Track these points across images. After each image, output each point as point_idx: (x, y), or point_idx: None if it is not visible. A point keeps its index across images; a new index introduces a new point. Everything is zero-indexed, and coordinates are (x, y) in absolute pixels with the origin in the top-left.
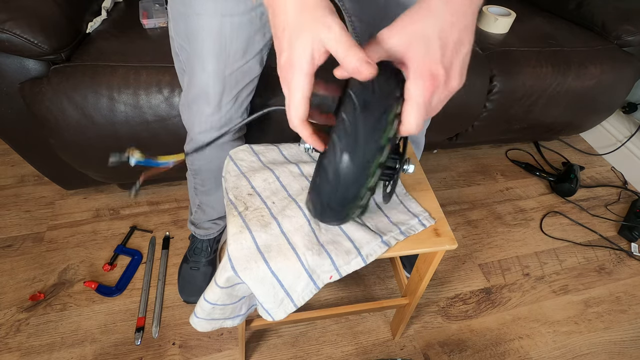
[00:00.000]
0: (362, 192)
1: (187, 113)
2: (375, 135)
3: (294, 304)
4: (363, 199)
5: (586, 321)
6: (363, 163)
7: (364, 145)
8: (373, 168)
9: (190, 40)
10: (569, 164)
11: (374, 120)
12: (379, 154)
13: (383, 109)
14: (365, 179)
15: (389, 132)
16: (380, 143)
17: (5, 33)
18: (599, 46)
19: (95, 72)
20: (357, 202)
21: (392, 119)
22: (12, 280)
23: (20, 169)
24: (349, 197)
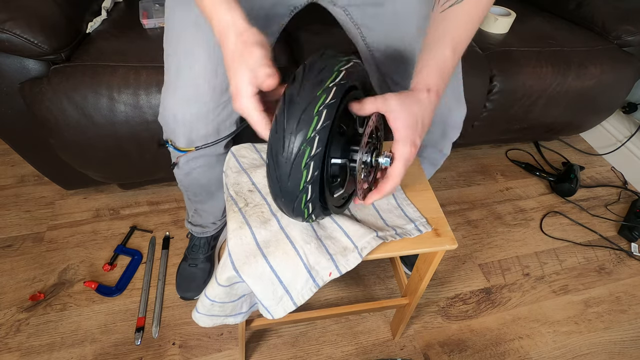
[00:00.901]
0: (302, 186)
1: (171, 122)
2: (301, 127)
3: (293, 302)
4: (308, 193)
5: (586, 321)
6: (292, 156)
7: (290, 137)
8: (304, 160)
9: (178, 32)
10: (569, 164)
11: (299, 112)
12: (308, 146)
13: (307, 102)
14: (300, 172)
15: (314, 124)
16: (307, 134)
17: (5, 33)
18: (599, 46)
19: (95, 72)
20: (303, 197)
21: (317, 111)
22: (12, 280)
23: (20, 169)
24: (289, 190)
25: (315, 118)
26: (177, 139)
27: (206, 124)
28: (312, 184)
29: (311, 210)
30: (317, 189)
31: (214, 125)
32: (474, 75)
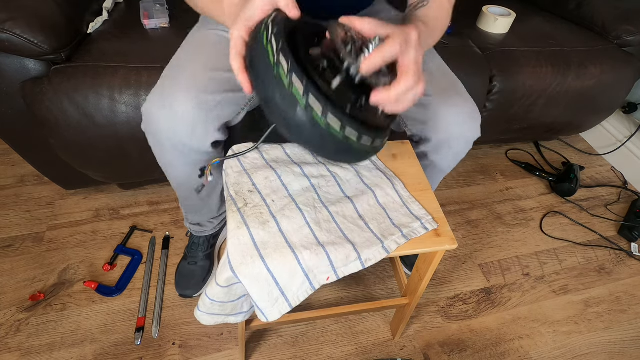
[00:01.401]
0: (301, 102)
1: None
2: (257, 42)
3: (288, 303)
4: (281, 63)
5: (586, 321)
6: (267, 73)
7: (256, 59)
8: (279, 71)
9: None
10: (569, 164)
11: (255, 55)
12: (269, 56)
13: (257, 43)
14: (283, 86)
15: (271, 51)
16: (263, 45)
17: (5, 33)
18: (599, 46)
19: (97, 73)
20: (279, 70)
21: (265, 42)
22: (12, 280)
23: (20, 169)
24: (289, 115)
25: (262, 28)
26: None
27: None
28: (282, 51)
29: (303, 86)
30: (292, 58)
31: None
32: (474, 76)
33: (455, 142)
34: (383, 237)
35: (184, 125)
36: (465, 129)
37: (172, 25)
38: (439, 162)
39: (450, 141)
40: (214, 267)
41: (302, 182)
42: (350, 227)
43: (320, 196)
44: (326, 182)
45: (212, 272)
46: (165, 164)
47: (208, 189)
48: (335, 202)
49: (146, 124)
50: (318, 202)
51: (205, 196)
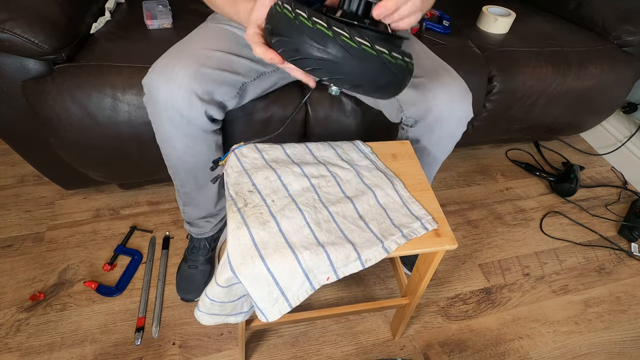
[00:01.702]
0: (328, 32)
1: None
2: (273, 15)
3: (288, 303)
4: (337, 36)
5: (586, 321)
6: (291, 28)
7: (277, 26)
8: (301, 20)
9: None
10: (569, 164)
11: (278, 23)
12: (289, 15)
13: (273, 15)
14: (309, 28)
15: (275, 6)
16: (279, 12)
17: (5, 33)
18: (599, 46)
19: (100, 72)
20: (337, 43)
21: (279, 9)
22: (12, 280)
23: (20, 169)
24: (323, 51)
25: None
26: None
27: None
28: (297, 7)
29: (324, 21)
30: (306, 7)
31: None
32: (474, 76)
33: (447, 121)
34: (383, 237)
35: (180, 94)
36: (456, 106)
37: (175, 26)
38: (433, 146)
39: (442, 120)
40: (214, 271)
41: (302, 182)
42: (350, 227)
43: (320, 196)
44: (326, 182)
45: (212, 276)
46: (163, 139)
47: (203, 172)
48: (335, 202)
49: (147, 95)
50: (318, 202)
51: (203, 184)
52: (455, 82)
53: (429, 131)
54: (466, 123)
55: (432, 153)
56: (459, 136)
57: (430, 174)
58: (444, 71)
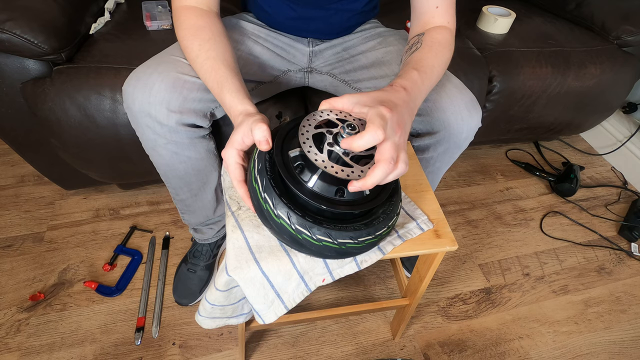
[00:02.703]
0: (290, 229)
1: (139, 84)
2: (249, 178)
3: (284, 305)
4: (298, 232)
5: (586, 321)
6: (259, 206)
7: (252, 192)
8: (267, 207)
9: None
10: (569, 164)
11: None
12: (258, 193)
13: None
14: (272, 218)
15: (252, 171)
16: (252, 182)
17: (5, 33)
18: (599, 46)
19: (99, 74)
20: (298, 237)
21: (252, 160)
22: (12, 280)
23: (20, 169)
24: (285, 238)
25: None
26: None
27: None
28: (266, 190)
29: (287, 217)
30: (275, 193)
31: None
32: (474, 76)
33: (455, 134)
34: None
35: (157, 103)
36: (465, 120)
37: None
38: (440, 155)
39: (450, 133)
40: (212, 277)
41: None
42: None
43: None
44: None
45: (209, 282)
46: (147, 146)
47: (197, 179)
48: None
49: (125, 102)
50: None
51: (197, 191)
52: (463, 93)
53: (436, 143)
54: (474, 134)
55: (437, 163)
56: (466, 146)
57: (434, 181)
58: (451, 84)
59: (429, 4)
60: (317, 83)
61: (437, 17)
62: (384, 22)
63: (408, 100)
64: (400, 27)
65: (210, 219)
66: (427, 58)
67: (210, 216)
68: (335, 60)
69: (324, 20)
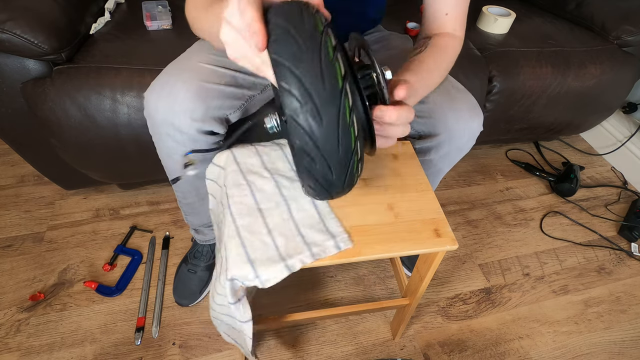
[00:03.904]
0: (353, 146)
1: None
2: (327, 84)
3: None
4: (358, 151)
5: (586, 321)
6: (336, 119)
7: (322, 100)
8: (347, 118)
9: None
10: (569, 164)
11: (316, 66)
12: (345, 99)
13: (319, 48)
14: (348, 132)
15: (339, 69)
16: (338, 86)
17: (5, 33)
18: (599, 46)
19: (99, 74)
20: (355, 161)
21: (332, 54)
22: (12, 280)
23: (20, 169)
24: (345, 162)
25: (337, 64)
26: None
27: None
28: (359, 138)
29: (360, 169)
30: (361, 142)
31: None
32: (474, 76)
33: (457, 137)
34: (288, 256)
35: (181, 113)
36: (466, 123)
37: (174, 27)
38: (441, 158)
39: (451, 137)
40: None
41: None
42: (255, 243)
43: (231, 206)
44: (240, 192)
45: (209, 283)
46: (164, 153)
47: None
48: (246, 214)
49: (146, 110)
50: (228, 214)
51: (205, 194)
52: (464, 98)
53: (437, 146)
54: (475, 138)
55: (438, 165)
56: (468, 150)
57: (434, 182)
58: (453, 88)
59: (440, 11)
60: None
61: (447, 23)
62: (384, 23)
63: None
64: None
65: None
66: (426, 62)
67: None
68: None
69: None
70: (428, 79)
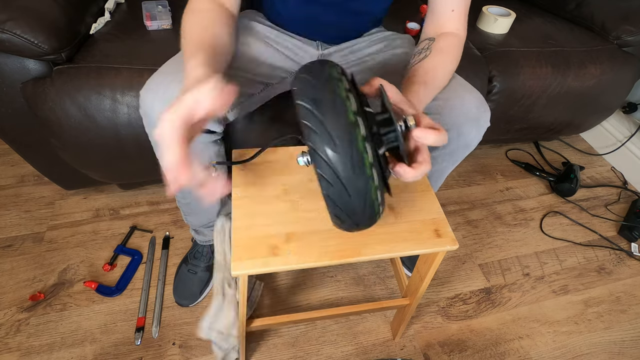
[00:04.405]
0: (368, 172)
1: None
2: (340, 118)
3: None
4: (374, 178)
5: (586, 321)
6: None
7: (335, 131)
8: (360, 145)
9: None
10: (569, 164)
11: (331, 105)
12: (356, 129)
13: (332, 91)
14: (361, 159)
15: (350, 106)
16: (349, 119)
17: (5, 33)
18: (599, 46)
19: (100, 74)
20: (371, 186)
21: (344, 95)
22: (12, 280)
23: (20, 169)
24: (361, 186)
25: (347, 102)
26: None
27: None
28: (374, 166)
29: (377, 200)
30: (378, 171)
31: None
32: (474, 76)
33: (466, 131)
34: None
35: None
36: (476, 116)
37: (174, 26)
38: (447, 154)
39: (460, 131)
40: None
41: None
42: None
43: None
44: None
45: (210, 283)
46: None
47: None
48: None
49: (142, 109)
50: None
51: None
52: (471, 95)
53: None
54: (482, 134)
55: (443, 163)
56: (474, 147)
57: (437, 182)
58: (460, 85)
59: (446, 7)
60: None
61: (452, 21)
62: (384, 23)
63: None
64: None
65: (212, 220)
66: (434, 69)
67: (213, 218)
68: (342, 63)
69: (336, 25)
70: (435, 87)
